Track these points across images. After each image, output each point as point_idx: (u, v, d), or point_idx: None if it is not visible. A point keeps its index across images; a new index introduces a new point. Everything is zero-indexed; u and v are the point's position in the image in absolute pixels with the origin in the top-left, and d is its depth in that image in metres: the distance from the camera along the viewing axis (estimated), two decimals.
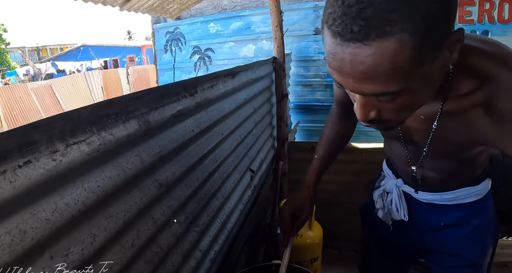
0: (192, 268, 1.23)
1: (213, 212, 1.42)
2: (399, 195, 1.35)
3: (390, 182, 1.39)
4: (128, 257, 0.90)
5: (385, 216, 1.41)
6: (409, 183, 1.32)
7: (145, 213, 0.99)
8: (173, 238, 1.12)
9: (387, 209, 1.40)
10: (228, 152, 1.61)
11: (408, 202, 1.35)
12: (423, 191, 1.29)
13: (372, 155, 2.56)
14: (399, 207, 1.35)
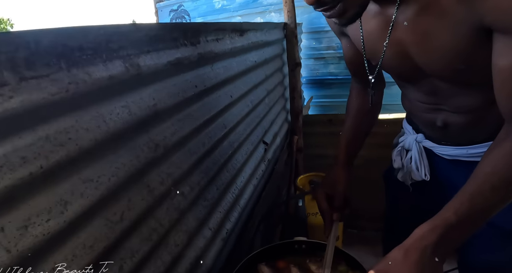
0: (200, 248, 1.04)
1: (224, 185, 1.22)
2: (419, 151, 1.17)
3: (410, 137, 1.21)
4: (116, 233, 0.71)
5: (403, 177, 1.24)
6: (431, 136, 1.15)
7: (138, 179, 0.79)
8: (175, 213, 0.92)
9: (406, 168, 1.22)
10: (239, 118, 1.40)
11: (430, 161, 1.18)
12: (447, 144, 1.11)
13: (394, 126, 2.33)
14: (419, 165, 1.17)
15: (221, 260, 1.20)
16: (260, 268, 0.95)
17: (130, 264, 0.74)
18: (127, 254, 0.74)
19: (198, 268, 1.04)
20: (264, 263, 0.97)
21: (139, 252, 0.77)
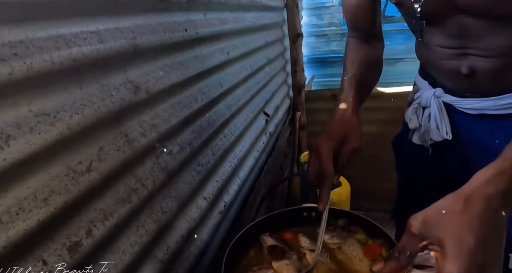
0: (193, 220, 0.89)
1: (220, 151, 1.06)
2: (439, 107, 1.01)
3: (427, 93, 1.04)
4: (81, 186, 0.55)
5: (422, 137, 1.07)
6: (452, 88, 0.99)
7: (112, 125, 0.64)
8: (162, 174, 0.76)
9: (423, 128, 1.06)
10: (237, 80, 1.25)
11: (450, 118, 1.01)
12: (472, 96, 0.95)
13: (402, 101, 2.16)
14: (439, 123, 1.01)
15: (218, 237, 1.04)
16: (263, 239, 0.80)
17: (102, 229, 0.59)
18: (98, 216, 0.59)
19: (191, 242, 0.89)
20: (268, 233, 0.81)
21: (113, 216, 0.62)
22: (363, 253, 0.76)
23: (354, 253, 0.76)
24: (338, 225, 0.85)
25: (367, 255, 0.76)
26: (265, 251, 0.79)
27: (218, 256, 1.02)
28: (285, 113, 2.00)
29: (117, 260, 0.63)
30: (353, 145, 0.81)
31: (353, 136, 0.82)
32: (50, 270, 0.50)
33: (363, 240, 0.79)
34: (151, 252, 0.74)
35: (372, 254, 0.75)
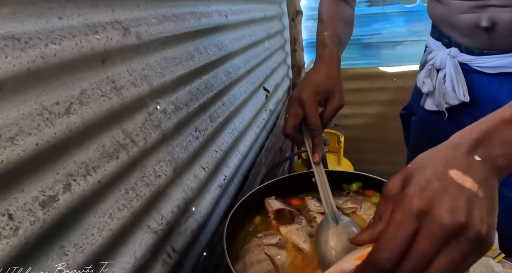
0: (190, 189, 0.80)
1: (219, 119, 0.98)
2: (454, 68, 0.94)
3: (441, 53, 0.97)
4: (58, 130, 0.46)
5: (437, 101, 1.00)
6: (469, 46, 0.91)
7: (95, 63, 0.54)
8: (155, 133, 0.67)
9: (438, 91, 0.98)
10: (236, 47, 1.16)
11: (466, 80, 0.95)
12: (490, 53, 0.88)
13: (404, 80, 2.10)
14: (455, 84, 0.94)
15: (218, 213, 0.96)
16: (268, 202, 0.71)
17: (83, 184, 0.50)
18: (78, 170, 0.50)
19: (189, 215, 0.80)
20: (274, 197, 0.72)
21: (97, 171, 0.53)
22: None
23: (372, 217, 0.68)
24: (352, 190, 0.76)
25: None
26: (271, 215, 0.70)
27: (218, 233, 0.93)
28: (285, 93, 1.91)
29: (102, 224, 0.54)
30: (339, 102, 0.74)
31: (339, 94, 0.75)
32: (17, 227, 0.41)
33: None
34: (143, 221, 0.65)
35: None
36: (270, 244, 0.63)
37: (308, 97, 0.71)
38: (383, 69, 2.13)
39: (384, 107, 2.16)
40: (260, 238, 0.65)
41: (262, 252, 0.61)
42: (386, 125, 2.17)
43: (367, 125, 2.22)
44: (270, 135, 1.49)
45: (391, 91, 2.13)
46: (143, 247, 0.64)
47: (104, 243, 0.54)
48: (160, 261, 0.70)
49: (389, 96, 2.13)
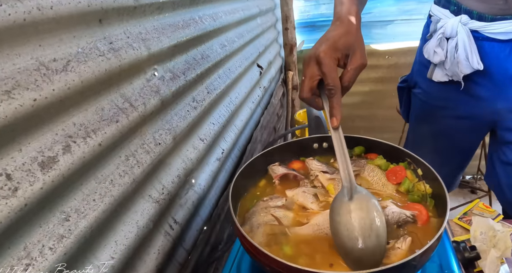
0: (190, 160, 0.78)
1: (216, 91, 0.95)
2: (467, 35, 0.91)
3: (452, 20, 0.94)
4: (56, 87, 0.44)
5: (450, 70, 0.97)
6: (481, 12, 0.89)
7: (92, 22, 0.52)
8: (153, 99, 0.65)
9: (450, 61, 0.95)
10: (230, 20, 1.13)
11: (478, 48, 0.92)
12: (504, 18, 0.86)
13: (397, 58, 2.10)
14: (469, 53, 0.91)
15: (217, 186, 0.94)
16: (272, 169, 0.69)
17: (83, 146, 0.48)
18: (78, 132, 0.48)
19: (189, 187, 0.79)
20: (277, 163, 0.71)
21: (97, 134, 0.50)
22: (386, 178, 0.68)
23: (376, 178, 0.67)
24: (354, 154, 0.75)
25: (390, 180, 0.67)
26: (276, 181, 0.69)
27: (218, 206, 0.92)
28: (277, 71, 1.89)
29: (104, 190, 0.52)
30: (361, 60, 0.64)
31: (360, 51, 0.65)
32: (15, 187, 0.39)
33: (384, 165, 0.70)
34: (144, 189, 0.63)
35: (396, 178, 0.67)
36: (277, 206, 0.62)
37: (325, 54, 0.62)
38: (375, 47, 2.12)
39: (376, 84, 2.16)
40: (266, 201, 0.64)
41: (268, 214, 0.60)
42: (379, 103, 2.17)
43: (360, 103, 2.22)
44: (265, 112, 1.47)
45: (383, 69, 2.12)
46: (146, 216, 0.62)
47: (107, 210, 0.53)
48: (162, 232, 0.68)
49: (381, 73, 2.13)
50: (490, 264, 0.69)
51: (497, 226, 0.71)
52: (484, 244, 0.71)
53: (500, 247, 0.69)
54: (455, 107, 1.03)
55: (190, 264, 0.78)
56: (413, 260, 0.46)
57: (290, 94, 2.01)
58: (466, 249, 0.62)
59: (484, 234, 0.72)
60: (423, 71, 1.06)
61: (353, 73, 0.63)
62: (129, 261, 0.58)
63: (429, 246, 0.47)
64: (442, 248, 0.62)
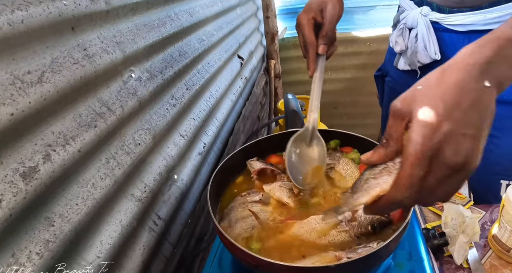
0: (171, 157, 0.80)
1: (195, 87, 0.97)
2: (426, 26, 0.95)
3: (413, 12, 0.99)
4: (32, 99, 0.45)
5: (410, 59, 1.01)
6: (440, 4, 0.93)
7: (65, 31, 0.53)
8: (131, 101, 0.67)
9: (410, 50, 1.00)
10: (208, 14, 1.14)
11: (437, 38, 0.96)
12: (460, 10, 0.90)
13: (378, 44, 2.12)
14: (427, 42, 0.95)
15: (200, 180, 0.97)
16: (250, 164, 0.73)
17: (63, 154, 0.49)
18: (57, 140, 0.49)
19: (172, 183, 0.81)
20: (255, 158, 0.74)
21: (76, 140, 0.52)
22: (359, 172, 0.71)
23: (350, 172, 0.71)
24: (330, 147, 0.78)
25: None
26: (254, 176, 0.72)
27: (202, 199, 0.95)
28: (259, 60, 1.90)
29: (86, 194, 0.54)
30: (331, 12, 0.74)
31: (332, 3, 0.75)
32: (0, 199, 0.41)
33: (358, 159, 0.73)
34: (126, 189, 0.65)
35: None
36: (254, 201, 0.65)
37: (300, 17, 0.75)
38: (356, 34, 2.13)
39: (358, 71, 2.18)
40: (243, 196, 0.66)
41: (246, 209, 0.63)
42: (361, 89, 2.20)
43: (342, 90, 2.25)
44: (247, 102, 1.49)
45: (365, 56, 2.15)
46: (129, 215, 0.64)
47: (90, 212, 0.55)
48: (147, 229, 0.71)
49: (363, 60, 2.15)
50: (459, 249, 0.73)
51: (467, 213, 0.75)
52: (454, 229, 0.75)
53: (469, 232, 0.73)
54: None
55: (175, 257, 0.81)
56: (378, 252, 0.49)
57: (273, 82, 2.02)
58: (435, 236, 0.66)
59: (454, 220, 0.76)
60: (393, 59, 1.10)
61: (328, 24, 0.74)
62: (115, 259, 0.60)
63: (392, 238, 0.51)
64: (412, 235, 0.66)
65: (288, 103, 0.93)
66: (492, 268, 0.77)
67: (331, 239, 0.57)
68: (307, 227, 0.59)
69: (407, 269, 0.61)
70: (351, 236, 0.57)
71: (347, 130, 0.79)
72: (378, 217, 0.58)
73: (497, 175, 1.02)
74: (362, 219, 0.58)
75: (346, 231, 0.57)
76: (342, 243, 0.57)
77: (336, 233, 0.57)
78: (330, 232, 0.57)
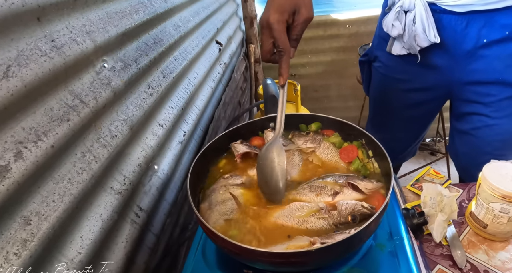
0: (150, 147, 0.79)
1: (173, 75, 0.95)
2: (425, 8, 0.92)
3: None
4: (4, 100, 0.43)
5: (408, 44, 0.99)
6: None
7: (30, 21, 0.50)
8: (105, 91, 0.65)
9: (408, 34, 0.97)
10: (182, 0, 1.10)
11: (435, 21, 0.94)
12: None
13: (357, 27, 2.11)
14: (426, 26, 0.93)
15: (182, 169, 0.96)
16: (234, 147, 0.73)
17: (35, 151, 0.48)
18: (28, 137, 0.48)
19: (152, 173, 0.80)
20: (240, 141, 0.74)
21: (48, 136, 0.51)
22: (339, 156, 0.71)
23: (330, 156, 0.71)
24: (311, 130, 0.78)
25: (343, 158, 0.71)
26: (238, 159, 0.72)
27: (184, 188, 0.94)
28: (238, 45, 1.88)
29: (63, 190, 0.53)
30: (307, 14, 0.69)
31: (305, 6, 0.69)
32: None
33: (338, 143, 0.74)
34: (105, 183, 0.64)
35: (348, 157, 0.70)
36: (235, 184, 0.65)
37: (273, 18, 0.67)
38: (335, 17, 2.12)
39: (338, 54, 2.18)
40: (226, 178, 0.67)
41: (227, 192, 0.63)
42: (341, 72, 2.20)
43: (323, 73, 2.25)
44: (227, 88, 1.47)
45: (344, 38, 2.14)
46: (109, 208, 0.63)
47: (68, 208, 0.54)
48: (129, 221, 0.70)
49: (343, 43, 2.15)
50: (438, 227, 0.75)
51: (445, 192, 0.77)
52: (433, 208, 0.77)
53: (447, 211, 0.74)
54: (413, 80, 1.07)
55: (160, 247, 0.80)
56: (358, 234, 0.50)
57: (253, 67, 2.01)
58: (414, 215, 0.67)
59: (433, 199, 0.78)
60: (383, 45, 1.07)
61: (300, 27, 0.69)
62: (97, 254, 0.60)
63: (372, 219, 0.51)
64: (392, 216, 0.67)
65: (267, 88, 0.92)
66: (470, 244, 0.79)
67: (309, 225, 0.58)
68: (287, 212, 0.60)
69: (388, 249, 0.62)
70: (330, 224, 0.57)
71: (329, 113, 0.79)
72: (360, 208, 0.58)
73: (487, 154, 1.04)
74: (342, 208, 0.58)
75: (325, 219, 0.58)
76: (319, 230, 0.57)
77: (315, 220, 0.58)
78: (309, 219, 0.58)
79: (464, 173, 1.20)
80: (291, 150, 0.74)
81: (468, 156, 1.11)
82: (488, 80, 0.95)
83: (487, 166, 0.77)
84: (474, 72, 0.95)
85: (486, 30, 0.89)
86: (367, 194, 0.62)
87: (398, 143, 1.29)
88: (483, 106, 1.00)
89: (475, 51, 0.92)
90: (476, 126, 1.03)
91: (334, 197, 0.62)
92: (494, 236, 0.79)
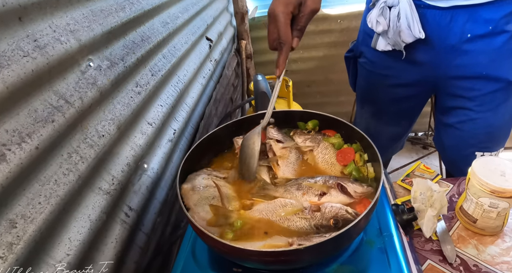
0: (139, 146, 0.78)
1: (161, 72, 0.94)
2: (409, 3, 0.92)
3: None
4: None
5: (392, 40, 0.99)
6: None
7: (11, 21, 0.49)
8: (91, 92, 0.64)
9: (392, 30, 0.96)
10: None
11: (420, 16, 0.94)
12: None
13: (348, 22, 2.11)
14: (411, 21, 0.93)
15: (172, 167, 0.95)
16: (236, 141, 0.75)
17: (19, 153, 0.47)
18: (12, 139, 0.47)
19: (142, 172, 0.79)
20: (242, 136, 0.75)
21: (33, 137, 0.50)
22: (336, 158, 0.71)
23: (327, 157, 0.71)
24: (308, 127, 0.78)
25: (339, 160, 0.70)
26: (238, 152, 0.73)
27: (174, 187, 0.94)
28: (229, 41, 1.87)
29: (49, 191, 0.52)
30: (312, 7, 0.71)
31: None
32: None
33: (338, 144, 0.73)
34: (92, 183, 0.63)
35: (344, 159, 0.70)
36: (218, 176, 0.67)
37: (279, 11, 0.69)
38: (327, 12, 2.11)
39: (330, 49, 2.17)
40: (209, 170, 0.68)
41: (210, 180, 0.65)
42: (333, 67, 2.20)
43: (314, 69, 2.24)
44: (218, 85, 1.47)
45: (336, 33, 2.13)
46: (97, 209, 0.63)
47: (54, 210, 0.53)
48: (118, 221, 0.70)
49: (334, 38, 2.14)
50: (427, 222, 0.75)
51: (435, 187, 0.77)
52: (423, 204, 0.77)
53: (437, 206, 0.75)
54: (398, 75, 1.07)
55: (151, 247, 0.80)
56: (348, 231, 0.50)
57: (245, 63, 2.00)
58: (404, 211, 0.67)
59: (423, 194, 0.78)
60: (368, 40, 1.07)
61: (305, 18, 0.71)
62: (86, 255, 0.59)
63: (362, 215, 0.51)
64: (382, 212, 0.67)
65: (257, 84, 0.92)
66: (460, 239, 0.80)
67: (290, 224, 0.58)
68: (271, 207, 0.60)
69: (377, 245, 0.63)
70: (311, 225, 0.57)
71: (321, 109, 0.79)
72: (344, 213, 0.57)
73: (472, 147, 1.05)
74: (326, 211, 0.58)
75: (307, 219, 0.57)
76: (299, 230, 0.57)
77: (297, 219, 0.58)
78: (292, 217, 0.58)
79: (451, 166, 1.21)
80: (288, 148, 0.74)
81: (454, 148, 1.11)
82: (472, 74, 0.96)
83: (476, 161, 0.78)
84: (459, 67, 0.96)
85: (470, 25, 0.90)
86: (355, 198, 0.62)
87: (385, 136, 1.30)
88: (467, 100, 1.00)
89: (459, 46, 0.93)
90: (461, 120, 1.04)
91: (321, 198, 0.61)
92: (483, 231, 0.79)
